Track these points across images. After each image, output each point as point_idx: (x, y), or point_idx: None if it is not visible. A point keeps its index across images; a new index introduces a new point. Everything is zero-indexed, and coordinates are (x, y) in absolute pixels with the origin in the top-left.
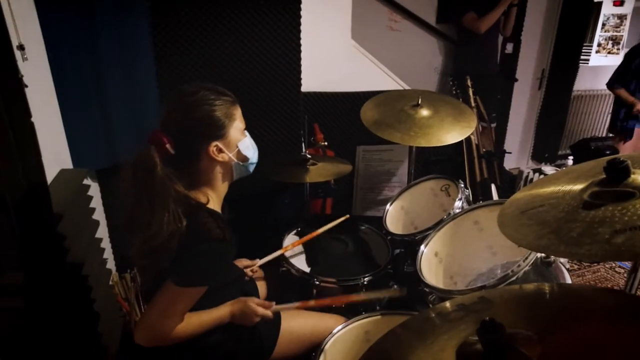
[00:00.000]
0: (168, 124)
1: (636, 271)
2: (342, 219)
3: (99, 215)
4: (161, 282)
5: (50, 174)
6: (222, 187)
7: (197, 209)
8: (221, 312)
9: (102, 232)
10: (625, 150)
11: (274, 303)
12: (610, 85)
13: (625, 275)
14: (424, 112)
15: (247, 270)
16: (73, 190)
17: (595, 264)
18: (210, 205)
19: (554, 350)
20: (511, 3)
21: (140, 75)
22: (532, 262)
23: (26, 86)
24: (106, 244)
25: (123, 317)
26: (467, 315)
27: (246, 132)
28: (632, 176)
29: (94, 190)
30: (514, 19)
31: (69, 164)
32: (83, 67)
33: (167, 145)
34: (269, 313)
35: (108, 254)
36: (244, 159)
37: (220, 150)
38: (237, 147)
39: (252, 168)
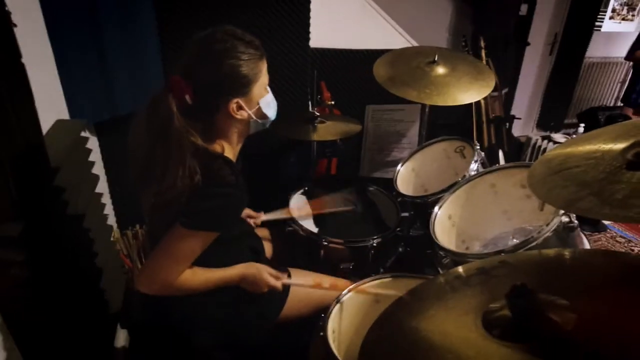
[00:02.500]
0: (190, 72)
1: None
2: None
3: (99, 169)
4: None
5: (45, 124)
6: (238, 142)
7: (214, 157)
8: (232, 272)
9: (102, 187)
10: None
11: (286, 275)
12: (631, 52)
13: (626, 244)
14: (440, 70)
15: (250, 221)
16: (71, 141)
17: (596, 233)
18: (225, 154)
19: (585, 318)
20: None
21: (140, 23)
22: (554, 227)
23: (15, 25)
24: (107, 200)
25: (126, 274)
26: (489, 280)
27: (268, 88)
28: None
29: (93, 143)
30: None
31: (65, 115)
32: (78, 10)
33: (187, 96)
34: (279, 286)
35: (109, 210)
36: (263, 116)
37: (240, 108)
38: (258, 104)
39: (268, 124)
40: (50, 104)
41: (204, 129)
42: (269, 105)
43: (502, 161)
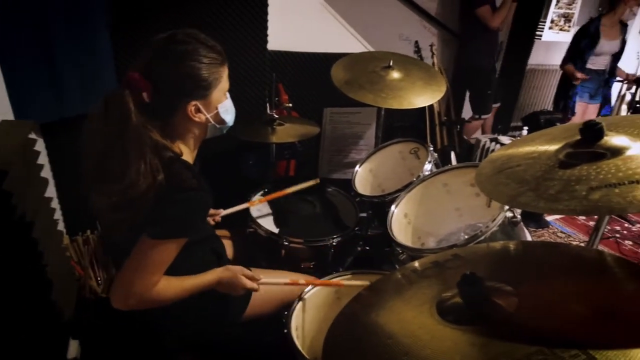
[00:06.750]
0: (148, 69)
1: (598, 229)
2: (313, 182)
3: (47, 173)
4: (136, 239)
5: None
6: (195, 145)
7: (173, 160)
8: (209, 277)
9: (51, 191)
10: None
11: (262, 277)
12: (563, 64)
13: (566, 239)
14: (395, 75)
15: (210, 219)
16: (18, 143)
17: (540, 229)
18: (184, 158)
19: (527, 302)
20: None
21: (91, 23)
22: (500, 222)
23: None
24: (55, 205)
25: (77, 282)
26: (443, 272)
27: (228, 94)
28: (605, 138)
29: (40, 146)
30: (511, 14)
31: (10, 116)
32: (24, 7)
33: (145, 94)
34: (255, 287)
35: (58, 216)
36: (221, 122)
37: (198, 110)
38: (217, 109)
39: (225, 130)
40: None
41: (162, 128)
42: (228, 111)
43: (454, 162)
